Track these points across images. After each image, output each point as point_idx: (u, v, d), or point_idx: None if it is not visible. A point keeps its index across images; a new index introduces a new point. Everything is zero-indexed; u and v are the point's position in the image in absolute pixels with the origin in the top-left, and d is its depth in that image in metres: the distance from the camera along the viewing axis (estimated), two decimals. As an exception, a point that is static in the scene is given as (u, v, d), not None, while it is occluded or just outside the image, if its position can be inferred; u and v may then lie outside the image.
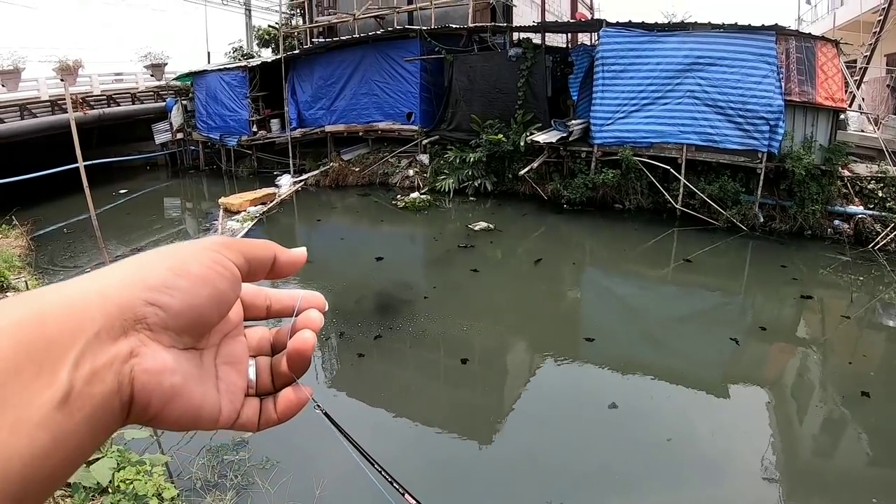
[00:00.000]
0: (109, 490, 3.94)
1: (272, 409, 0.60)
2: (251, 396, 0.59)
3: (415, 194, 15.55)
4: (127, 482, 3.93)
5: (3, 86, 19.07)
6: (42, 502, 0.40)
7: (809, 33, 13.49)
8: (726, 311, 9.32)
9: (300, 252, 0.61)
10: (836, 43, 12.83)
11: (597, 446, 5.71)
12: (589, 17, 22.88)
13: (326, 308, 0.63)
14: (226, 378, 0.56)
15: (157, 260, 0.49)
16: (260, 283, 0.62)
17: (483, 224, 12.90)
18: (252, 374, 0.59)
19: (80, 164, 7.81)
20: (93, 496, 3.88)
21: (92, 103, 21.15)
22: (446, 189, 15.53)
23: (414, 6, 18.63)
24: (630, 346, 7.82)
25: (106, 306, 0.44)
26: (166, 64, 24.34)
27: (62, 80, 19.05)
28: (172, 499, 4.13)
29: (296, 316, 0.61)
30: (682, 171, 12.76)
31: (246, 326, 0.63)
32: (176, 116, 22.56)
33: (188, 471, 5.36)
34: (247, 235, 13.04)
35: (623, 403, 6.26)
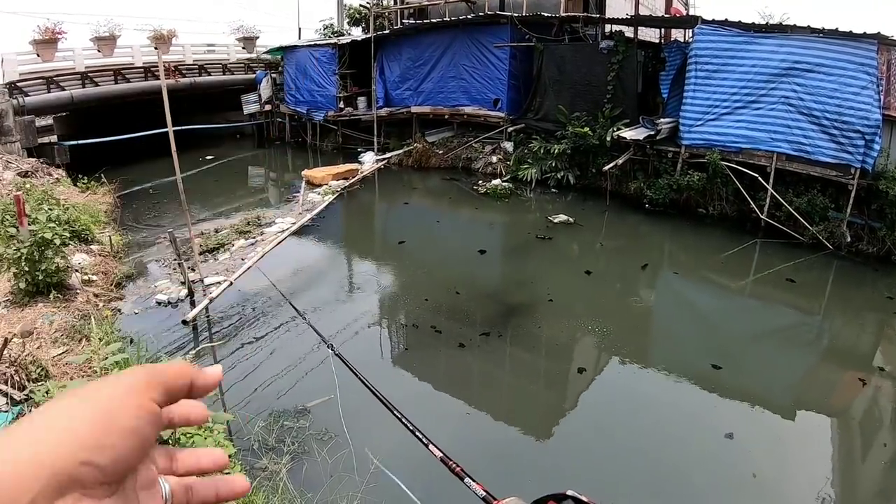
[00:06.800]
0: (170, 442, 3.95)
1: None
2: None
3: (497, 181, 15.87)
4: (188, 436, 4.11)
5: (99, 51, 20.05)
6: None
7: (914, 43, 12.99)
8: (846, 344, 8.85)
9: (214, 373, 0.62)
10: (943, 56, 12.37)
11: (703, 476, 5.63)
12: (683, 12, 22.42)
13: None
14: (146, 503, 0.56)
15: (84, 413, 0.49)
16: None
17: (563, 217, 13.11)
18: (167, 492, 0.59)
19: (170, 128, 8.19)
20: (152, 447, 4.16)
21: (184, 72, 22.08)
22: (528, 178, 15.77)
23: (506, -8, 18.66)
24: (756, 376, 7.44)
25: (41, 475, 0.44)
26: (258, 37, 25.29)
27: (156, 48, 20.00)
28: (230, 456, 4.27)
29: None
30: (771, 181, 12.59)
31: None
32: (265, 89, 23.34)
33: (248, 431, 5.62)
34: (327, 209, 13.65)
35: (742, 436, 6.06)
